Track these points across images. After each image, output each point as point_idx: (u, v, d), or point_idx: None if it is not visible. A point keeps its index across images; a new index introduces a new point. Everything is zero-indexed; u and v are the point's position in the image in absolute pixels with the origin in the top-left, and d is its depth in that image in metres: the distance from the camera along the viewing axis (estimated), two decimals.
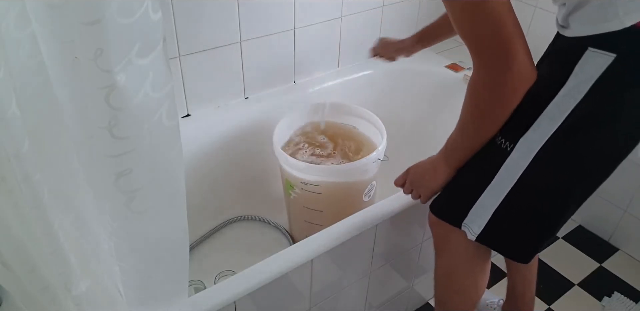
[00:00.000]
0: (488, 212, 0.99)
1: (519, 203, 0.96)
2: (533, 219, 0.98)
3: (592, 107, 0.83)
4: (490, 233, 1.01)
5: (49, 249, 0.74)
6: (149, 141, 0.72)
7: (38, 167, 0.68)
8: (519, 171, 0.92)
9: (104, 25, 0.58)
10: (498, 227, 1.00)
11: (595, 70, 0.81)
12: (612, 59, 0.79)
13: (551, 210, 0.97)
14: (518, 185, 0.93)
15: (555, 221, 0.99)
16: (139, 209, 0.79)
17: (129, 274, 0.89)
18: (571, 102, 0.84)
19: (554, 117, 0.86)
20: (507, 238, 1.02)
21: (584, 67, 0.82)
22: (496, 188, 0.96)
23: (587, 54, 0.81)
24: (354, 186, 1.40)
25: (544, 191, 0.94)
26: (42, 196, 0.69)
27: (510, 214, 0.98)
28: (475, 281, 1.16)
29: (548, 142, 0.88)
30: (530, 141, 0.89)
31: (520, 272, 1.36)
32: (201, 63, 1.42)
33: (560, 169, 0.91)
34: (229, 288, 1.01)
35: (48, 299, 0.81)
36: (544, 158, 0.89)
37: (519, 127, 0.90)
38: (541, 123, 0.87)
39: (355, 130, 1.54)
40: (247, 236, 1.63)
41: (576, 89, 0.83)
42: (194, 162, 1.50)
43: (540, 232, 1.00)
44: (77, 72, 0.63)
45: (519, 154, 0.91)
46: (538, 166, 0.90)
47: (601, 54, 0.80)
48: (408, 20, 1.82)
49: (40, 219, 0.70)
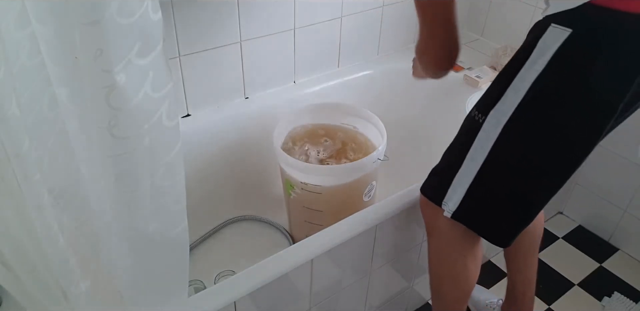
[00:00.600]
0: (463, 188, 1.01)
1: (490, 178, 0.98)
2: (506, 197, 1.00)
3: (550, 80, 0.87)
4: (464, 210, 1.03)
5: (49, 250, 0.74)
6: (148, 141, 0.72)
7: (38, 167, 0.68)
8: (490, 143, 0.95)
9: (104, 25, 0.58)
10: (472, 204, 1.02)
11: (554, 44, 0.85)
12: (568, 34, 0.83)
13: (523, 186, 0.98)
14: (489, 158, 0.96)
15: (529, 200, 1.00)
16: (139, 209, 0.79)
17: (129, 274, 0.89)
18: (533, 74, 0.88)
19: (519, 89, 0.90)
20: (482, 217, 1.04)
21: (546, 42, 0.86)
22: (470, 163, 0.98)
23: (549, 29, 0.86)
24: (354, 186, 1.40)
25: (514, 166, 0.96)
26: (42, 196, 0.69)
27: (483, 190, 1.00)
28: (465, 266, 1.15)
29: (514, 114, 0.91)
30: (499, 112, 0.92)
31: (520, 272, 1.36)
32: (201, 63, 1.42)
33: (527, 143, 0.94)
34: (229, 288, 1.01)
35: (48, 299, 0.81)
36: (511, 129, 0.92)
37: (490, 100, 0.94)
38: (508, 95, 0.91)
39: (355, 130, 1.54)
40: (247, 236, 1.63)
41: (538, 62, 0.87)
42: (194, 162, 1.50)
43: (514, 211, 1.01)
44: (77, 72, 0.63)
45: (489, 126, 0.94)
46: (506, 139, 0.93)
47: (560, 29, 0.84)
48: (408, 20, 1.82)
49: (40, 219, 0.70)
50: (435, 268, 1.19)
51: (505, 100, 0.91)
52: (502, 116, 0.92)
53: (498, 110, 0.92)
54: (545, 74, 0.86)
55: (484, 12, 1.93)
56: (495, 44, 1.91)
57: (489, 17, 1.93)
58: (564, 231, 1.85)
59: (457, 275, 1.17)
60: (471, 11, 1.97)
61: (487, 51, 1.88)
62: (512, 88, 0.90)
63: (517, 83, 0.90)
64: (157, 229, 0.85)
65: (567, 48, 0.84)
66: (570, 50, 0.84)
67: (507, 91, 0.91)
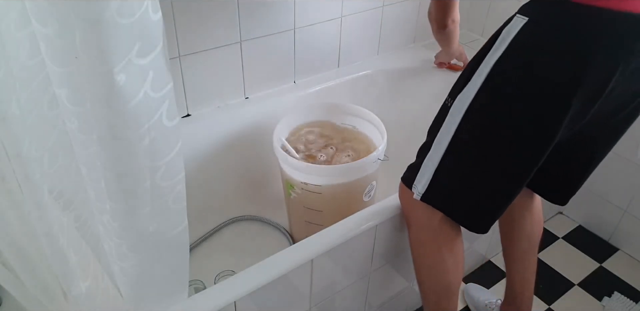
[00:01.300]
0: (430, 171, 1.03)
1: (454, 161, 1.00)
2: (468, 179, 1.02)
3: (505, 66, 0.90)
4: (432, 193, 1.05)
5: (49, 250, 0.74)
6: (148, 141, 0.72)
7: (38, 167, 0.68)
8: (454, 126, 0.97)
9: (104, 25, 0.58)
10: (439, 186, 1.04)
11: (513, 31, 0.89)
12: (525, 22, 0.87)
13: (484, 170, 1.00)
14: (452, 141, 0.98)
15: (492, 183, 1.01)
16: (139, 209, 0.79)
17: (129, 274, 0.89)
18: (493, 59, 0.91)
19: (481, 73, 0.93)
20: (448, 198, 1.06)
21: (508, 31, 0.90)
22: (437, 146, 1.01)
23: (514, 19, 0.90)
24: (354, 186, 1.40)
25: (474, 148, 0.99)
26: (42, 196, 0.69)
27: (448, 172, 1.02)
28: (442, 258, 1.15)
29: (474, 98, 0.94)
30: (465, 96, 0.96)
31: (518, 272, 1.36)
32: (201, 63, 1.42)
33: (485, 127, 0.96)
34: (229, 288, 1.01)
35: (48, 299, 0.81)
36: (472, 112, 0.95)
37: (459, 85, 0.98)
38: (473, 79, 0.94)
39: (355, 130, 1.54)
40: (247, 236, 1.63)
41: (499, 49, 0.90)
42: (194, 162, 1.50)
43: (478, 194, 1.03)
44: (77, 72, 0.63)
45: (454, 110, 0.97)
46: (467, 121, 0.96)
47: (521, 18, 0.88)
48: (408, 20, 1.83)
49: (40, 219, 0.70)
50: (414, 258, 1.20)
51: (470, 85, 0.95)
52: (467, 99, 0.95)
53: (464, 94, 0.96)
54: (502, 59, 0.90)
55: (484, 12, 1.94)
56: None
57: (489, 17, 1.93)
58: (564, 231, 1.85)
59: (434, 265, 1.17)
60: (471, 11, 1.97)
61: None
62: (477, 73, 0.93)
63: (481, 68, 0.93)
64: (157, 229, 0.85)
65: (522, 35, 0.88)
66: (523, 37, 0.88)
67: (473, 76, 0.94)
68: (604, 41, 0.84)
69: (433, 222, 1.10)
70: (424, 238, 1.15)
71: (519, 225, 1.30)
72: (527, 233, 1.31)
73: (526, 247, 1.32)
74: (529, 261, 1.34)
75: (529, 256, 1.34)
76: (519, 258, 1.34)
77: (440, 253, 1.14)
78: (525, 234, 1.31)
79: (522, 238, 1.31)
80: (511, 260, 1.36)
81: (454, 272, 1.18)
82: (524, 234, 1.31)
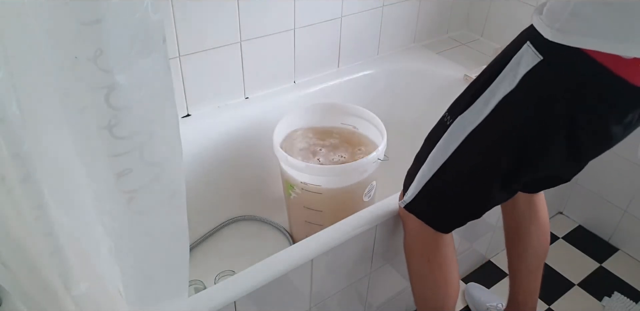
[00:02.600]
0: (421, 184, 1.04)
1: (444, 180, 1.01)
2: (454, 197, 1.03)
3: (516, 103, 0.87)
4: (416, 202, 1.07)
5: (49, 249, 0.74)
6: (149, 140, 0.72)
7: (38, 167, 0.68)
8: (452, 147, 0.96)
9: (104, 25, 0.58)
10: (423, 199, 1.06)
11: (524, 66, 0.83)
12: (538, 61, 0.82)
13: (472, 193, 1.01)
14: (448, 161, 0.98)
15: (475, 202, 1.04)
16: (139, 209, 0.79)
17: (129, 274, 0.89)
18: (501, 91, 0.87)
19: (487, 102, 0.89)
20: (429, 209, 1.08)
21: (519, 60, 0.84)
22: (431, 162, 1.01)
23: (523, 47, 0.84)
24: (354, 186, 1.40)
25: (468, 173, 0.99)
26: (42, 196, 0.69)
27: (435, 189, 1.03)
28: (431, 270, 1.14)
29: (480, 126, 0.92)
30: (466, 120, 0.93)
31: (522, 284, 1.34)
32: (201, 63, 1.42)
33: (486, 157, 0.95)
34: (229, 288, 1.01)
35: (48, 299, 0.81)
36: (475, 140, 0.93)
37: (460, 106, 0.95)
38: (477, 105, 0.91)
39: (355, 130, 1.54)
40: (247, 236, 1.63)
41: (506, 80, 0.86)
42: (194, 162, 1.50)
43: (461, 210, 1.06)
44: (77, 72, 0.63)
45: (454, 130, 0.95)
46: (468, 147, 0.95)
47: (532, 52, 0.82)
48: (408, 20, 1.83)
49: (40, 219, 0.70)
50: (407, 265, 1.20)
51: (473, 109, 0.92)
52: (469, 124, 0.93)
53: (465, 117, 0.93)
54: (513, 95, 0.86)
55: (484, 12, 1.94)
56: (495, 44, 1.91)
57: (489, 17, 1.93)
58: (564, 231, 1.85)
59: (423, 275, 1.17)
60: (471, 11, 1.97)
61: (487, 51, 1.88)
62: (482, 99, 0.90)
63: (487, 95, 0.90)
64: (157, 229, 0.85)
65: (534, 76, 0.83)
66: (536, 78, 0.83)
67: (477, 101, 0.91)
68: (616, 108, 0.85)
69: (424, 233, 1.11)
70: (415, 247, 1.15)
71: (525, 241, 1.28)
72: (534, 249, 1.28)
73: (532, 262, 1.30)
74: (535, 275, 1.32)
75: (535, 270, 1.32)
76: (524, 273, 1.32)
77: (429, 264, 1.14)
78: (532, 251, 1.29)
79: (529, 254, 1.29)
80: (517, 273, 1.34)
81: (444, 284, 1.17)
82: (531, 251, 1.29)
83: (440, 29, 1.96)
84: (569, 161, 0.95)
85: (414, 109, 1.85)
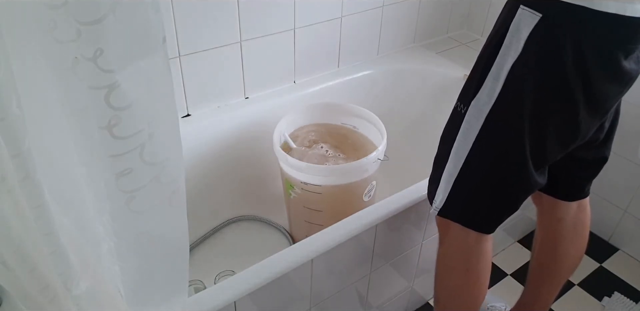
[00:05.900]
0: (449, 184, 0.99)
1: (473, 172, 0.96)
2: (491, 187, 0.97)
3: (526, 68, 0.84)
4: (450, 205, 1.01)
5: (49, 249, 0.74)
6: (148, 140, 0.72)
7: (38, 167, 0.67)
8: (473, 134, 0.92)
9: (104, 25, 0.58)
10: (457, 198, 1.00)
11: (524, 29, 0.82)
12: (538, 19, 0.81)
13: (506, 179, 0.96)
14: (472, 152, 0.94)
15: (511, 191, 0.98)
16: (139, 209, 0.79)
17: (129, 274, 0.89)
18: (509, 61, 0.85)
19: (497, 77, 0.87)
20: (468, 208, 1.02)
21: (517, 26, 0.83)
22: (456, 156, 0.96)
23: (519, 12, 0.83)
24: (354, 186, 1.40)
25: (496, 158, 0.94)
26: (42, 196, 0.69)
27: (467, 185, 0.98)
28: (467, 281, 1.12)
29: (496, 104, 0.88)
30: (480, 102, 0.90)
31: (540, 297, 1.31)
32: (201, 63, 1.42)
33: (511, 133, 0.91)
34: (229, 288, 1.01)
35: (48, 299, 0.81)
36: (494, 120, 0.90)
37: (471, 90, 0.92)
38: (487, 83, 0.89)
39: (355, 130, 1.54)
40: (247, 236, 1.63)
41: (512, 48, 0.84)
42: (194, 162, 1.50)
43: (496, 203, 1.00)
44: (77, 72, 0.63)
45: (471, 117, 0.92)
46: (489, 129, 0.91)
47: (530, 12, 0.81)
48: (408, 20, 1.83)
49: (40, 219, 0.70)
50: (438, 276, 1.16)
51: (485, 88, 0.89)
52: (484, 105, 0.90)
53: (479, 99, 0.90)
54: (521, 61, 0.84)
55: (484, 12, 1.94)
56: None
57: (489, 17, 1.93)
58: None
59: (456, 288, 1.14)
60: (471, 11, 1.97)
61: None
62: (491, 76, 0.88)
63: (495, 71, 0.87)
64: (157, 230, 0.85)
65: (538, 34, 0.82)
66: (541, 36, 0.82)
67: (486, 79, 0.89)
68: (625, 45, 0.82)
69: (466, 240, 1.06)
70: (454, 256, 1.11)
71: (560, 261, 1.25)
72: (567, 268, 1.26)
73: (561, 282, 1.28)
74: (554, 291, 1.30)
75: (555, 287, 1.29)
76: (545, 287, 1.29)
77: (467, 276, 1.10)
78: (565, 270, 1.26)
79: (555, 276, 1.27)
80: (535, 286, 1.31)
81: (479, 291, 1.14)
82: (564, 271, 1.26)
83: (440, 29, 1.96)
84: (590, 115, 0.90)
85: (414, 109, 1.85)
